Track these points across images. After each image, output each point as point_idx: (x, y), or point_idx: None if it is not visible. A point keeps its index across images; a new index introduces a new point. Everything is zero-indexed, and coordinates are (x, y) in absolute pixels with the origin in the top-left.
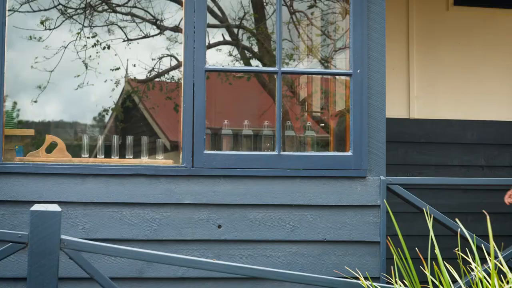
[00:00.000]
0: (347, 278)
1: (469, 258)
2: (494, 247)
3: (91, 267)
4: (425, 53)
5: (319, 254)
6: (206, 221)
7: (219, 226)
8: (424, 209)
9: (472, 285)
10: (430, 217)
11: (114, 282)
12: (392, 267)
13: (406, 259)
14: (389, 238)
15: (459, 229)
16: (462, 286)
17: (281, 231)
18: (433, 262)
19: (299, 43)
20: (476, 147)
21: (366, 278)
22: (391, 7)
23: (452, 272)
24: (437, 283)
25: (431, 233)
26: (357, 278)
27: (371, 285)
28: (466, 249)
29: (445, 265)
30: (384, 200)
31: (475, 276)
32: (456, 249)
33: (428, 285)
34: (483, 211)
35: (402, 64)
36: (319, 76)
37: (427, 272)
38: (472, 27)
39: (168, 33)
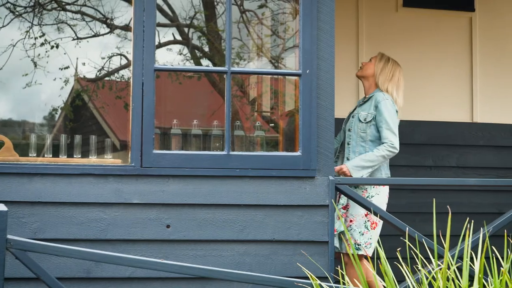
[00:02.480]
0: (296, 277)
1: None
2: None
3: (38, 267)
4: (375, 54)
5: (268, 253)
6: (154, 221)
7: (168, 226)
8: (371, 208)
9: (421, 285)
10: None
11: (62, 282)
12: (339, 266)
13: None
14: (342, 236)
15: (407, 228)
16: (410, 285)
17: (230, 231)
18: (378, 262)
19: (249, 42)
20: (424, 147)
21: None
22: (340, 8)
23: (405, 271)
24: (383, 282)
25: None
26: (305, 278)
27: (319, 284)
28: (414, 248)
29: (395, 264)
30: (332, 200)
31: (420, 276)
32: (399, 248)
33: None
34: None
35: (352, 65)
36: (270, 76)
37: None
38: (421, 28)
39: (118, 31)
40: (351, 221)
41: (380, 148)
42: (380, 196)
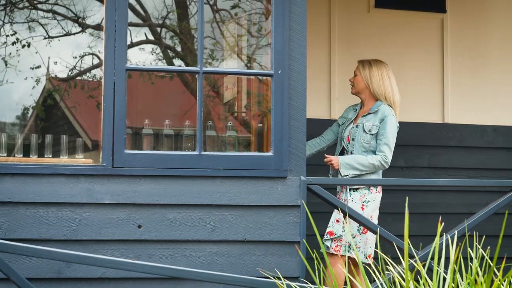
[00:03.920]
0: (267, 278)
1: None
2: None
3: (8, 267)
4: (347, 54)
5: (239, 254)
6: (126, 221)
7: (139, 226)
8: (343, 209)
9: (391, 285)
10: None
11: (33, 283)
12: (305, 267)
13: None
14: (320, 237)
15: (378, 229)
16: (379, 285)
17: (201, 231)
18: (350, 262)
19: (222, 42)
20: (396, 148)
21: (286, 278)
22: (312, 8)
23: (375, 272)
24: (355, 281)
25: (348, 234)
26: (277, 278)
27: (290, 284)
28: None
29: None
30: (303, 201)
31: (391, 276)
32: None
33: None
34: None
35: (324, 65)
36: (243, 76)
37: (346, 272)
38: (393, 29)
39: (90, 30)
40: (345, 223)
41: (375, 157)
42: (375, 202)
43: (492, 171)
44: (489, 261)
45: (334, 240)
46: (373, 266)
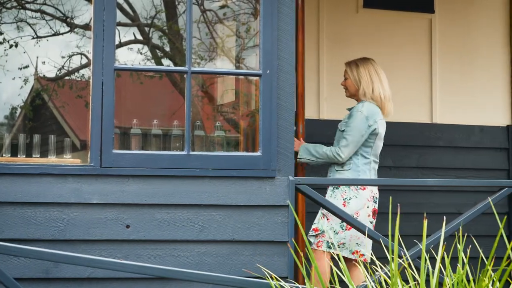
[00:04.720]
0: (256, 277)
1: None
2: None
3: None
4: (335, 55)
5: (228, 254)
6: (114, 221)
7: (128, 226)
8: (332, 209)
9: (377, 285)
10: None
11: (20, 283)
12: (294, 266)
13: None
14: (305, 236)
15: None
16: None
17: (190, 231)
18: (338, 261)
19: (212, 43)
20: (384, 148)
21: (274, 278)
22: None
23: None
24: (346, 281)
25: (332, 233)
26: (265, 278)
27: (278, 284)
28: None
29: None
30: (288, 201)
31: (379, 276)
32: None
33: (336, 284)
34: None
35: (312, 65)
36: (231, 76)
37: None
38: (381, 29)
39: (78, 30)
40: (328, 219)
41: (330, 148)
42: (358, 199)
43: (480, 171)
44: (482, 261)
45: (317, 236)
46: (361, 264)
